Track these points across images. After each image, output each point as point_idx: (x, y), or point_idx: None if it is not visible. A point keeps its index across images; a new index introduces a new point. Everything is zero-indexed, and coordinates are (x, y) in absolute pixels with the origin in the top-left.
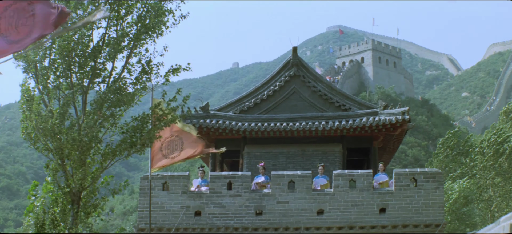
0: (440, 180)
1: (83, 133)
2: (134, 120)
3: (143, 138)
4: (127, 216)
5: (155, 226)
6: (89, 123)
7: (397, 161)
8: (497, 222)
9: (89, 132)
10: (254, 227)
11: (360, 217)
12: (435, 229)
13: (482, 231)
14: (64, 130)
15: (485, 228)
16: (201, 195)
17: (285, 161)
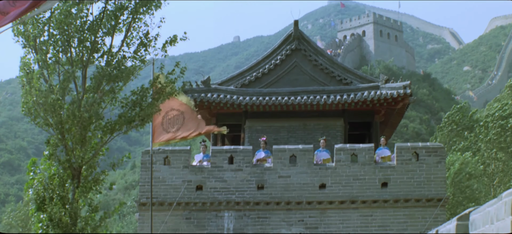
0: (442, 154)
1: (83, 109)
2: (133, 94)
3: (142, 113)
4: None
5: (156, 200)
6: (89, 100)
7: (399, 135)
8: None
9: (89, 108)
10: (256, 202)
11: (362, 191)
12: (437, 203)
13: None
14: (64, 106)
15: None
16: (203, 169)
17: (286, 135)
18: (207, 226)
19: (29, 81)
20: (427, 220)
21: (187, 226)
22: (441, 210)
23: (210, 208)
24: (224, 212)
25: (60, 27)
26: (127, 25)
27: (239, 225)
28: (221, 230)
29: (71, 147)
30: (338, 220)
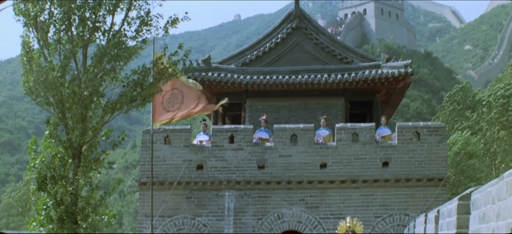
0: (443, 134)
1: (83, 87)
2: (134, 73)
3: (144, 93)
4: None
5: (157, 179)
6: (90, 76)
7: (400, 115)
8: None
9: (90, 85)
10: (257, 181)
11: (363, 171)
12: (438, 183)
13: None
14: (65, 84)
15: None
16: (203, 148)
17: (287, 114)
18: (208, 206)
19: (29, 60)
20: (428, 199)
21: (188, 206)
22: (442, 190)
23: (211, 188)
24: (225, 192)
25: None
26: (128, 3)
27: (239, 204)
28: (222, 210)
29: (71, 126)
30: (339, 199)
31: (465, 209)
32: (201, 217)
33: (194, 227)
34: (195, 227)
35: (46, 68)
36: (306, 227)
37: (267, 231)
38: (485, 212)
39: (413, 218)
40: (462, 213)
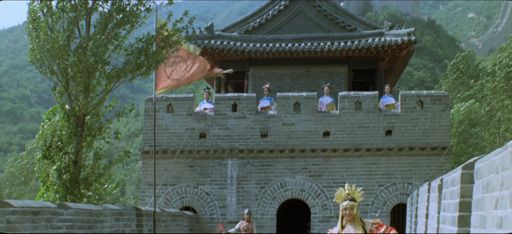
0: (447, 102)
1: (89, 54)
2: (138, 41)
3: (149, 61)
4: (132, 138)
5: (160, 148)
6: (97, 43)
7: (403, 83)
8: (504, 146)
9: (96, 53)
10: (260, 149)
11: (366, 139)
12: (441, 152)
13: (489, 156)
14: (71, 51)
15: (493, 152)
16: (206, 117)
17: (290, 82)
18: (211, 174)
19: (36, 28)
20: (431, 168)
21: (190, 174)
22: (445, 159)
23: (214, 156)
24: (228, 160)
25: None
26: None
27: (242, 172)
28: (225, 178)
29: (75, 94)
30: (342, 167)
31: (469, 178)
32: (204, 185)
33: (197, 195)
34: (198, 195)
35: (52, 36)
36: (309, 195)
37: (270, 199)
38: (489, 182)
39: (416, 187)
40: (466, 182)
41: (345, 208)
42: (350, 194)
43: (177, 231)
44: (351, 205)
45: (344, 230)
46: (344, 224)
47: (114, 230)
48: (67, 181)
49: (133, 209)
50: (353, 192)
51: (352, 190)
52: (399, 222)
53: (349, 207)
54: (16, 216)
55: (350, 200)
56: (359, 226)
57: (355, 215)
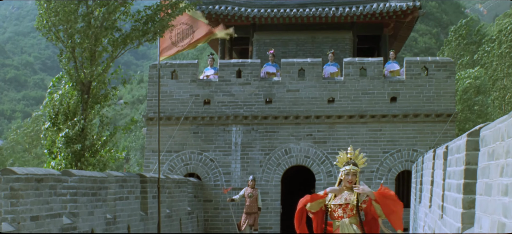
0: (452, 69)
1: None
2: (146, 9)
3: (155, 26)
4: (136, 105)
5: (164, 115)
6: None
7: (408, 49)
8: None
9: (107, 17)
10: (264, 116)
11: (371, 106)
12: (446, 118)
13: (494, 123)
14: (79, 16)
15: (498, 120)
16: (210, 83)
17: (294, 48)
18: (215, 140)
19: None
20: (436, 135)
21: (195, 141)
22: (450, 126)
23: (218, 122)
24: (232, 126)
25: None
26: None
27: (247, 139)
28: (229, 144)
29: (81, 61)
30: (346, 134)
31: (474, 145)
32: (208, 152)
33: (201, 162)
34: (202, 162)
35: (62, 2)
36: (314, 162)
37: (275, 166)
38: (494, 149)
39: (421, 154)
40: (471, 150)
41: (348, 173)
42: (352, 158)
43: (181, 198)
44: (354, 170)
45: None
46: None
47: (118, 197)
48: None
49: (137, 176)
50: (356, 156)
51: (355, 155)
52: (404, 189)
53: (352, 173)
54: (19, 183)
55: (353, 165)
56: (355, 194)
57: (355, 182)
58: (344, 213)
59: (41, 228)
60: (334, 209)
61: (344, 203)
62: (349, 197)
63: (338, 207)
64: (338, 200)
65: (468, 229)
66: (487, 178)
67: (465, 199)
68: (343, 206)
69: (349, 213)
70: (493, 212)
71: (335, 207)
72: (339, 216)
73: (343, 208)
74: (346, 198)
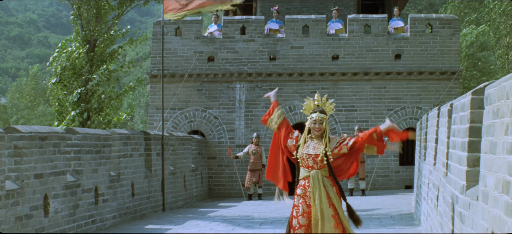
0: (456, 26)
1: None
2: None
3: None
4: (139, 62)
5: (168, 72)
6: None
7: (412, 6)
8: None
9: None
10: (268, 73)
11: (375, 63)
12: (450, 76)
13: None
14: None
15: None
16: (214, 40)
17: (299, 4)
18: (219, 98)
19: None
20: (440, 93)
21: (199, 98)
22: (455, 83)
23: (222, 80)
24: (236, 84)
25: None
26: None
27: (251, 96)
28: (233, 102)
29: (86, 18)
30: (351, 91)
31: (479, 104)
32: (212, 109)
33: (205, 119)
34: (206, 119)
35: None
36: None
37: None
38: (499, 107)
39: (425, 112)
40: (476, 108)
41: (315, 121)
42: (320, 105)
43: (185, 155)
44: (321, 118)
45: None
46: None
47: (122, 154)
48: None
49: (141, 133)
50: (324, 103)
51: (322, 101)
52: (408, 146)
53: (319, 120)
54: (23, 141)
55: (320, 112)
56: (323, 144)
57: (324, 130)
58: (315, 164)
59: (45, 186)
60: (304, 158)
61: (313, 154)
62: (317, 147)
63: (308, 157)
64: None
65: (473, 187)
66: (491, 136)
67: (470, 157)
68: (313, 156)
69: (320, 164)
70: (498, 170)
71: (305, 156)
72: (309, 165)
73: (313, 158)
74: (314, 147)
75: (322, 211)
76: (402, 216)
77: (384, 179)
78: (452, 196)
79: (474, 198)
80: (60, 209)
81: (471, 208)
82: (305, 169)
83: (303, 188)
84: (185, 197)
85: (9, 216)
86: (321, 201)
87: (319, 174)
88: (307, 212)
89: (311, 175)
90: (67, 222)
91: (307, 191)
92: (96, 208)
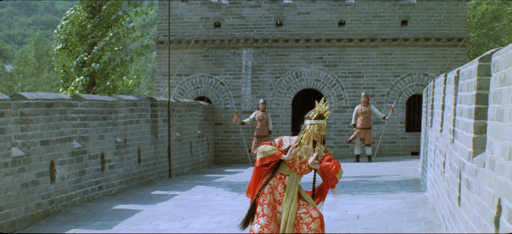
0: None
1: None
2: None
3: None
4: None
5: (174, 38)
6: None
7: None
8: None
9: None
10: (274, 39)
11: (382, 29)
12: (457, 43)
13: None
14: None
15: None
16: (221, 5)
17: None
18: (225, 64)
19: None
20: (447, 59)
21: (205, 64)
22: (461, 50)
23: (228, 46)
24: (242, 50)
25: None
26: None
27: (257, 62)
28: (239, 68)
29: None
30: (357, 58)
31: (486, 70)
32: (219, 75)
33: (212, 85)
34: (212, 85)
35: None
36: (324, 85)
37: (285, 89)
38: (506, 74)
39: (432, 78)
40: (483, 75)
41: (320, 127)
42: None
43: (191, 121)
44: (325, 125)
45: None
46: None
47: (129, 121)
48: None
49: (148, 100)
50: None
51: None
52: (415, 113)
53: (323, 127)
54: (30, 108)
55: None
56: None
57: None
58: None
59: (51, 153)
60: (295, 159)
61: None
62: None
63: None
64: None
65: (480, 153)
66: (498, 103)
67: (477, 124)
68: (302, 161)
69: (302, 170)
70: (505, 138)
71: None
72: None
73: (302, 162)
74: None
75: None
76: (408, 182)
77: (391, 145)
78: (459, 163)
79: (481, 165)
80: (67, 175)
81: (478, 175)
82: (288, 168)
83: (278, 181)
84: (192, 163)
85: (15, 183)
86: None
87: (298, 179)
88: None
89: (291, 177)
90: (73, 188)
91: (278, 186)
92: (102, 174)
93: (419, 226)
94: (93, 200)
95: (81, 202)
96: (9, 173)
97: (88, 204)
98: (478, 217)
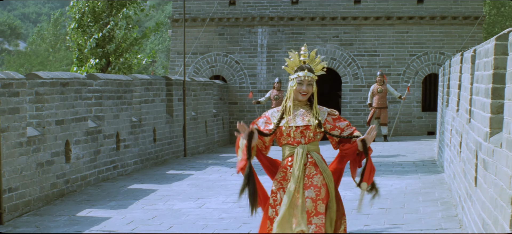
0: None
1: None
2: None
3: None
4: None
5: (189, 16)
6: None
7: None
8: None
9: None
10: (290, 17)
11: (398, 7)
12: (474, 21)
13: None
14: None
15: None
16: None
17: None
18: (240, 42)
19: None
20: (463, 38)
21: (220, 42)
22: (478, 29)
23: (243, 24)
24: (258, 28)
25: None
26: None
27: (272, 40)
28: (255, 46)
29: None
30: (373, 36)
31: (503, 49)
32: (234, 54)
33: (227, 64)
34: (227, 64)
35: None
36: (340, 64)
37: None
38: None
39: (448, 57)
40: (499, 54)
41: (301, 81)
42: (307, 62)
43: (206, 100)
44: (309, 78)
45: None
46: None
47: (144, 100)
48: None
49: (163, 79)
50: (312, 60)
51: (310, 57)
52: (431, 92)
53: (306, 81)
54: (45, 87)
55: (309, 71)
56: (312, 113)
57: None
58: (303, 137)
59: (66, 132)
60: (290, 134)
61: (302, 125)
62: (307, 117)
63: (295, 130)
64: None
65: (497, 134)
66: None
67: (493, 103)
68: (302, 128)
69: (309, 138)
70: None
71: (291, 130)
72: (295, 141)
73: (301, 130)
74: (303, 118)
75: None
76: (424, 162)
77: (407, 125)
78: (476, 143)
79: (498, 145)
80: (82, 155)
81: (495, 155)
82: (290, 147)
83: (284, 170)
84: (207, 143)
85: (30, 163)
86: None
87: (305, 148)
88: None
89: (296, 151)
90: (88, 168)
91: (287, 174)
92: (117, 154)
93: (435, 206)
94: (108, 179)
95: (96, 181)
96: (24, 153)
97: (103, 184)
98: (495, 198)
